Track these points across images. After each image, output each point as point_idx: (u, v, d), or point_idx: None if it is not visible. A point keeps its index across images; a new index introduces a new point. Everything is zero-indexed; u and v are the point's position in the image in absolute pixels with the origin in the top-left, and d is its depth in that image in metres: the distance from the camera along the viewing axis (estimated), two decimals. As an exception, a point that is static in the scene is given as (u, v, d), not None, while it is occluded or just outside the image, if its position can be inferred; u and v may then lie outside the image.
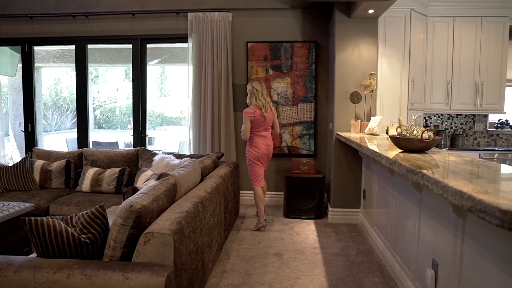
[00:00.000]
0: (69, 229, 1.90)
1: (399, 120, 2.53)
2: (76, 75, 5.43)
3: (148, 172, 3.79)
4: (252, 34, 4.92)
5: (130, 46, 5.24)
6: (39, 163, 4.28)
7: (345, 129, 4.25)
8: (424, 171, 1.72)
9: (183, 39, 5.04)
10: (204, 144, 4.92)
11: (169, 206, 2.28)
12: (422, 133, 2.29)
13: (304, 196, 4.40)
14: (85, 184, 4.04)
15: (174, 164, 3.81)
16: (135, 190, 2.71)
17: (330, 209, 4.36)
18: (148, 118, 5.35)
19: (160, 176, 2.54)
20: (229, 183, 3.61)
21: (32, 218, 1.86)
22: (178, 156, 4.15)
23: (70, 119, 19.00)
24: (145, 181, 3.58)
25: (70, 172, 4.27)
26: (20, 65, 8.22)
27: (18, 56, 7.67)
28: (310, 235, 3.87)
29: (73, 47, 5.39)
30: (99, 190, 4.00)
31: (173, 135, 12.87)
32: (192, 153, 4.95)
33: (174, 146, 9.21)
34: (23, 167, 4.13)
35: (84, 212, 2.00)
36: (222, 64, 4.84)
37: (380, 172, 3.39)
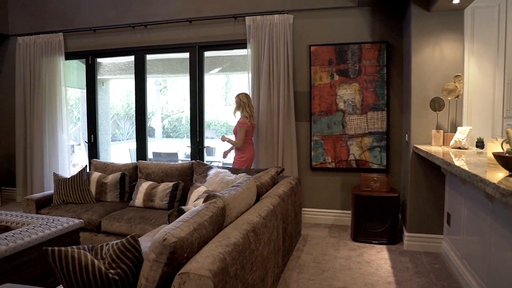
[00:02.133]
0: (96, 262, 1.61)
1: (507, 133, 1.95)
2: (135, 85, 5.38)
3: (201, 188, 3.50)
4: (315, 36, 4.50)
5: (188, 55, 5.08)
6: (95, 175, 4.21)
7: (424, 141, 3.63)
8: None
9: (241, 45, 4.77)
10: (262, 157, 4.56)
11: (215, 235, 1.92)
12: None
13: (375, 217, 3.84)
14: (138, 198, 3.87)
15: (228, 180, 3.49)
16: (181, 212, 2.41)
17: (406, 233, 3.75)
18: (213, 127, 5.17)
19: (207, 198, 2.20)
20: (289, 203, 3.19)
21: (56, 248, 1.60)
22: (234, 171, 3.83)
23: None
24: (196, 199, 3.30)
25: (125, 185, 4.14)
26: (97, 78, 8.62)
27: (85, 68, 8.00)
28: (383, 265, 3.31)
29: (133, 58, 5.35)
30: (152, 206, 3.79)
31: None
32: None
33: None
34: (80, 180, 4.08)
35: (115, 242, 1.71)
36: (282, 70, 4.47)
37: (472, 195, 2.76)
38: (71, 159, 8.99)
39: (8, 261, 2.44)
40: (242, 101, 4.34)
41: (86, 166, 4.26)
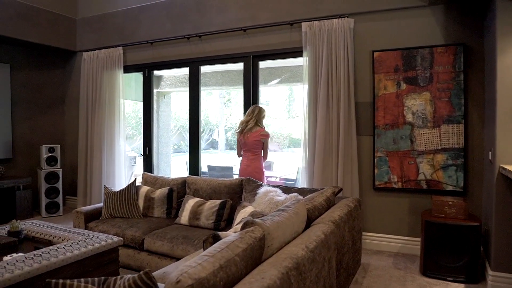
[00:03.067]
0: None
1: None
2: (189, 97, 5.29)
3: (248, 209, 3.21)
4: (379, 41, 4.05)
5: (242, 65, 4.87)
6: (144, 189, 4.11)
7: (514, 160, 3.01)
8: None
9: (298, 53, 4.45)
10: (318, 175, 4.16)
11: (248, 272, 1.60)
12: None
13: (451, 249, 3.25)
14: (184, 216, 3.68)
15: (278, 200, 3.15)
16: (217, 239, 2.12)
17: (490, 272, 3.11)
18: (276, 140, 4.90)
19: (244, 225, 1.89)
20: (346, 229, 2.77)
21: (61, 281, 1.39)
22: (286, 189, 3.48)
23: (205, 140, 20.34)
24: (239, 222, 3.00)
25: (172, 201, 3.98)
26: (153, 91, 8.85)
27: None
28: (462, 310, 2.74)
29: (190, 69, 5.28)
30: (197, 224, 3.57)
31: (295, 159, 12.39)
32: (305, 186, 4.25)
33: (293, 172, 8.63)
34: (128, 194, 4.00)
35: (130, 276, 1.47)
36: (342, 79, 4.07)
37: None
38: (133, 170, 9.30)
39: (41, 279, 2.33)
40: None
41: (135, 179, 4.18)
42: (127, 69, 5.69)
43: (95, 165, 5.73)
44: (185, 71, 8.28)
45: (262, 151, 4.31)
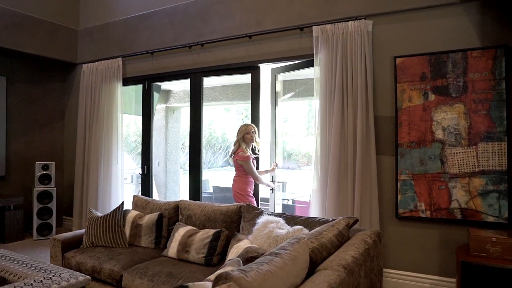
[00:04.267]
0: None
1: None
2: (190, 112, 4.83)
3: (243, 243, 2.66)
4: (402, 45, 3.50)
5: (250, 76, 4.40)
6: (132, 214, 3.63)
7: None
8: None
9: (309, 61, 3.96)
10: (331, 202, 3.58)
11: None
12: None
13: (496, 298, 2.61)
14: (172, 247, 3.15)
15: (278, 234, 2.59)
16: (184, 292, 1.59)
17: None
18: (293, 157, 4.38)
19: (216, 280, 1.37)
20: (362, 275, 2.19)
21: None
22: (290, 219, 2.92)
23: (222, 157, 19.93)
24: (230, 259, 2.45)
25: (162, 228, 3.47)
26: (160, 106, 8.49)
27: (156, 97, 7.83)
28: None
29: (191, 81, 4.84)
30: (186, 258, 3.04)
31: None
32: (316, 212, 3.68)
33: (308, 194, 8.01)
34: (113, 219, 3.52)
35: None
36: (360, 89, 3.53)
37: None
38: (140, 189, 8.88)
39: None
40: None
41: (122, 203, 3.70)
42: (127, 81, 5.30)
43: (91, 184, 5.31)
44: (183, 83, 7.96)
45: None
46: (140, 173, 5.28)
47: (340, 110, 3.62)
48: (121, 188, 5.23)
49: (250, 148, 4.14)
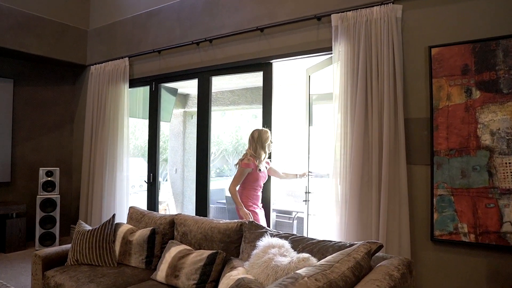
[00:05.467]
0: None
1: None
2: (198, 115, 4.40)
3: (236, 273, 2.16)
4: (438, 33, 2.91)
5: (262, 74, 3.93)
6: (123, 229, 3.21)
7: None
8: None
9: (327, 54, 3.44)
10: (352, 221, 3.00)
11: None
12: None
13: None
14: (162, 270, 2.70)
15: (278, 265, 2.06)
16: None
17: None
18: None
19: None
20: (383, 325, 1.63)
21: None
22: (298, 242, 2.39)
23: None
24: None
25: (154, 246, 3.03)
26: (177, 111, 8.15)
27: (173, 101, 7.50)
28: None
29: (199, 81, 4.42)
30: (176, 285, 2.57)
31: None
32: (333, 230, 3.12)
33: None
34: (102, 234, 3.11)
35: None
36: (386, 86, 2.97)
37: None
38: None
39: None
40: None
41: (113, 215, 3.29)
42: (134, 83, 4.96)
43: (96, 192, 4.98)
44: (214, 88, 7.57)
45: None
46: (145, 181, 4.88)
47: (363, 111, 3.06)
48: (126, 197, 4.86)
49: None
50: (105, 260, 3.04)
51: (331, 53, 3.29)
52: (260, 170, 3.58)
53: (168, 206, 8.88)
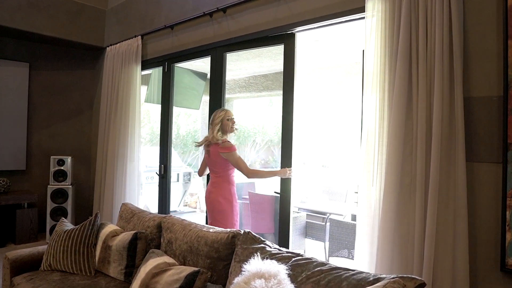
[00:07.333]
0: None
1: None
2: (210, 100, 3.80)
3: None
4: (518, -25, 2.03)
5: (283, 47, 3.22)
6: (107, 230, 2.70)
7: None
8: None
9: (358, 19, 2.67)
10: (385, 235, 2.22)
11: None
12: None
13: None
14: (135, 286, 2.13)
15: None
16: None
17: None
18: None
19: None
20: None
21: None
22: (302, 268, 1.69)
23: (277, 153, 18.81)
24: None
25: (136, 255, 2.48)
26: (207, 97, 7.64)
27: (202, 86, 6.99)
28: None
29: (212, 58, 3.81)
30: (143, 310, 2.00)
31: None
32: (357, 248, 2.38)
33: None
34: (80, 236, 2.62)
35: None
36: (439, 54, 2.14)
37: None
38: (186, 189, 8.14)
39: None
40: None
41: (96, 213, 2.78)
42: (146, 64, 4.46)
43: (108, 183, 4.59)
44: (244, 74, 6.93)
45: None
46: (157, 172, 4.38)
47: (405, 86, 2.26)
48: (137, 189, 4.40)
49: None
50: (80, 267, 2.55)
51: (364, 15, 2.51)
52: None
53: (199, 199, 8.45)
